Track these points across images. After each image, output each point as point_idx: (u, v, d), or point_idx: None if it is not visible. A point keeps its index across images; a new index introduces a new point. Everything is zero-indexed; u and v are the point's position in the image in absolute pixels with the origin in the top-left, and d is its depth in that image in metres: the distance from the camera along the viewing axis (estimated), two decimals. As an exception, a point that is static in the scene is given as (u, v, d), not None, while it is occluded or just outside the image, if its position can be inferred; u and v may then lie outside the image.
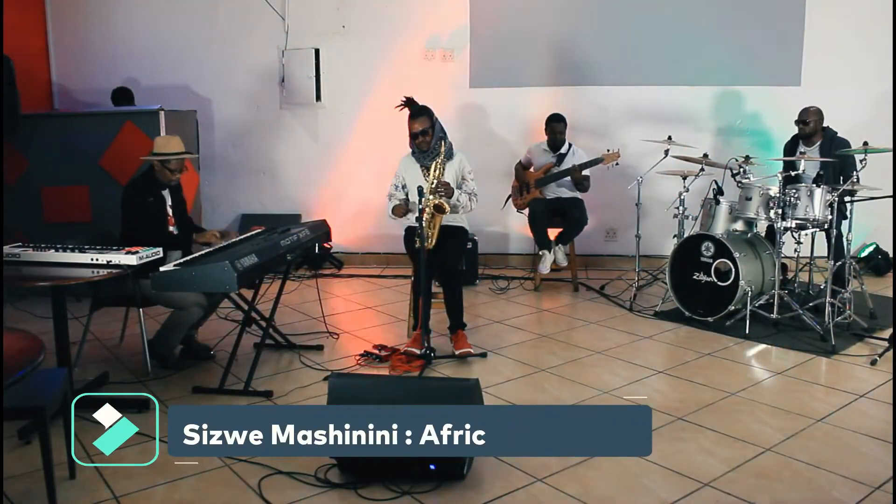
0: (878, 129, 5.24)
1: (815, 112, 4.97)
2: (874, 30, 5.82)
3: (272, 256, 3.63)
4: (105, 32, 6.65)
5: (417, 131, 4.17)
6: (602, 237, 6.45)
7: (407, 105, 4.25)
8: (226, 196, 6.75)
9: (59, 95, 6.74)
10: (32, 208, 5.42)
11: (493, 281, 5.92)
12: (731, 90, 6.18)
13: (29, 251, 3.29)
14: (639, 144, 5.73)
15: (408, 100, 4.26)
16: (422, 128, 4.16)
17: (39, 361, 2.11)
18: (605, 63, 6.24)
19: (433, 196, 4.04)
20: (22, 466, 2.80)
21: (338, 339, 4.49)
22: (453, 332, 4.20)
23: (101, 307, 3.97)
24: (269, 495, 2.64)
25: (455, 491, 2.67)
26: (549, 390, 3.66)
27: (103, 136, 5.41)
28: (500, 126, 6.44)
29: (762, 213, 4.63)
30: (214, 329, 4.47)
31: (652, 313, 4.94)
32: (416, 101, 4.26)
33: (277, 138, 6.69)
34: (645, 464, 2.82)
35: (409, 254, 4.38)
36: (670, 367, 3.98)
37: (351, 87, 6.52)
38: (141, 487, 2.69)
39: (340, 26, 6.48)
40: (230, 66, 6.59)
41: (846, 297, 4.53)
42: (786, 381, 3.77)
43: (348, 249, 6.64)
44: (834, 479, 2.72)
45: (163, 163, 3.93)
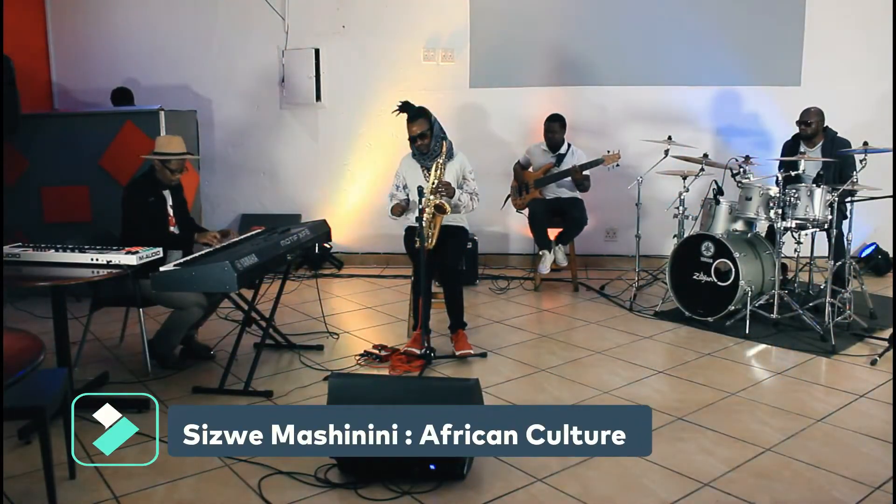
0: (878, 129, 5.25)
1: (816, 113, 4.97)
2: (874, 30, 5.82)
3: (272, 256, 3.63)
4: (105, 32, 6.65)
5: (416, 134, 4.15)
6: (602, 237, 6.45)
7: (403, 109, 4.22)
8: (226, 196, 6.75)
9: (59, 95, 6.74)
10: (32, 208, 5.42)
11: (493, 281, 5.92)
12: (731, 90, 6.19)
13: (29, 251, 3.29)
14: (639, 144, 5.73)
15: (404, 104, 4.23)
16: (420, 130, 4.14)
17: (39, 361, 2.11)
18: (605, 63, 6.24)
19: (434, 196, 4.04)
20: (22, 466, 2.80)
21: (338, 339, 4.49)
22: (453, 332, 4.20)
23: (101, 307, 3.97)
24: (269, 495, 2.64)
25: (455, 491, 2.67)
26: (549, 390, 3.66)
27: (103, 136, 5.41)
28: (499, 126, 6.44)
29: (762, 213, 4.63)
30: (214, 329, 4.48)
31: (652, 313, 4.94)
32: (412, 103, 4.23)
33: (277, 138, 6.69)
34: (645, 464, 2.82)
35: (409, 254, 4.38)
36: (670, 367, 3.98)
37: (351, 87, 6.52)
38: (141, 487, 2.69)
39: (340, 26, 6.48)
40: (230, 66, 6.60)
41: (846, 297, 4.53)
42: (786, 381, 3.77)
43: (348, 249, 6.64)
44: (834, 479, 2.72)
45: (163, 162, 3.93)
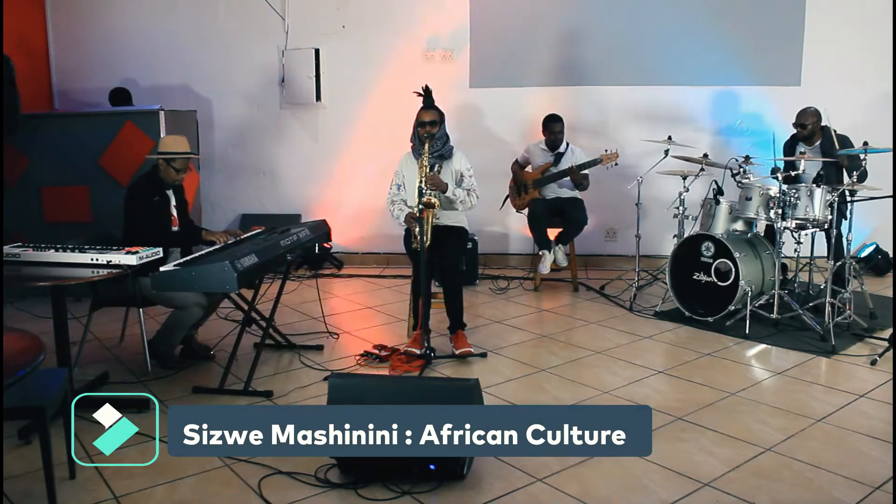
0: (878, 129, 5.24)
1: (812, 114, 4.94)
2: (874, 30, 5.82)
3: (272, 256, 3.63)
4: (105, 32, 6.65)
5: (426, 121, 4.19)
6: (602, 237, 6.45)
7: (425, 95, 4.28)
8: (226, 196, 6.75)
9: (59, 95, 6.74)
10: (32, 208, 5.42)
11: (493, 281, 5.91)
12: (731, 90, 6.18)
13: (29, 251, 3.29)
14: (639, 144, 5.73)
15: (427, 90, 4.28)
16: (430, 119, 4.19)
17: (39, 361, 2.11)
18: (605, 63, 6.23)
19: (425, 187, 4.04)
20: (22, 466, 2.80)
21: (338, 339, 4.49)
22: (453, 332, 4.20)
23: (101, 307, 3.96)
24: (269, 495, 2.64)
25: (455, 491, 2.67)
26: (549, 390, 3.66)
27: (103, 136, 5.41)
28: (499, 126, 6.44)
29: (762, 213, 4.63)
30: (214, 329, 4.48)
31: (652, 313, 4.94)
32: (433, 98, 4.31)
33: (277, 138, 6.68)
34: (645, 464, 2.82)
35: (409, 254, 4.38)
36: (670, 367, 3.98)
37: (351, 87, 6.52)
38: (141, 487, 2.69)
39: (340, 26, 6.48)
40: (230, 66, 6.59)
41: (846, 297, 4.53)
42: (786, 381, 3.77)
43: (348, 249, 6.64)
44: (834, 479, 2.72)
45: (168, 161, 3.93)
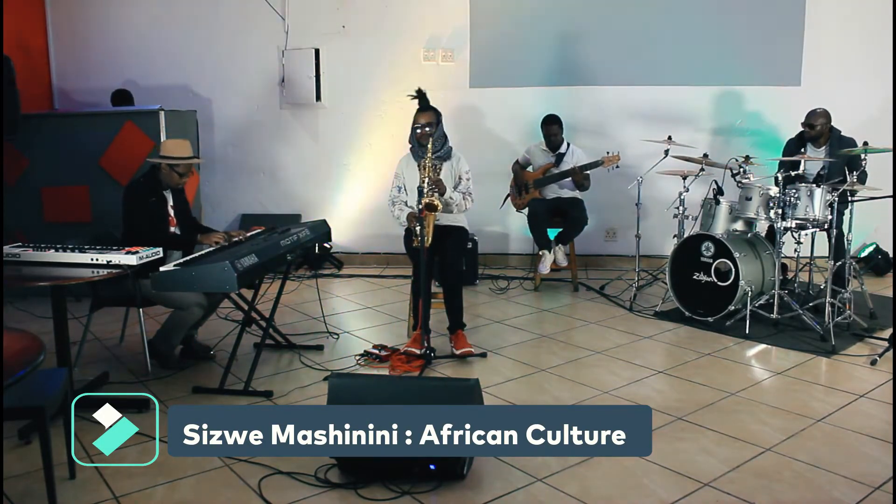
0: (878, 129, 5.24)
1: (822, 115, 4.89)
2: (874, 30, 5.82)
3: (272, 256, 3.63)
4: (105, 32, 6.65)
5: (422, 123, 4.20)
6: (602, 237, 6.45)
7: (419, 96, 4.28)
8: (226, 196, 6.75)
9: (59, 95, 6.74)
10: (32, 208, 5.42)
11: (493, 281, 5.91)
12: (731, 90, 6.18)
13: (29, 251, 3.29)
14: (639, 145, 5.73)
15: (420, 92, 4.29)
16: (427, 120, 4.20)
17: (39, 361, 2.11)
18: (605, 63, 6.23)
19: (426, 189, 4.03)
20: (22, 466, 2.80)
21: (338, 339, 4.49)
22: (453, 332, 4.19)
23: (101, 307, 3.96)
24: (269, 495, 2.64)
25: (455, 491, 2.67)
26: (549, 390, 3.66)
27: (103, 136, 5.41)
28: (499, 126, 6.44)
29: (762, 213, 4.63)
30: (214, 329, 4.48)
31: (652, 313, 4.94)
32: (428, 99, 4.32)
33: (277, 138, 6.69)
34: (645, 464, 2.82)
35: (409, 254, 4.38)
36: (670, 367, 3.98)
37: (351, 87, 6.52)
38: (141, 487, 2.69)
39: (340, 26, 6.48)
40: (230, 66, 6.60)
41: (846, 297, 4.53)
42: (786, 381, 3.77)
43: (348, 249, 6.64)
44: (834, 479, 2.72)
45: (171, 166, 3.93)
